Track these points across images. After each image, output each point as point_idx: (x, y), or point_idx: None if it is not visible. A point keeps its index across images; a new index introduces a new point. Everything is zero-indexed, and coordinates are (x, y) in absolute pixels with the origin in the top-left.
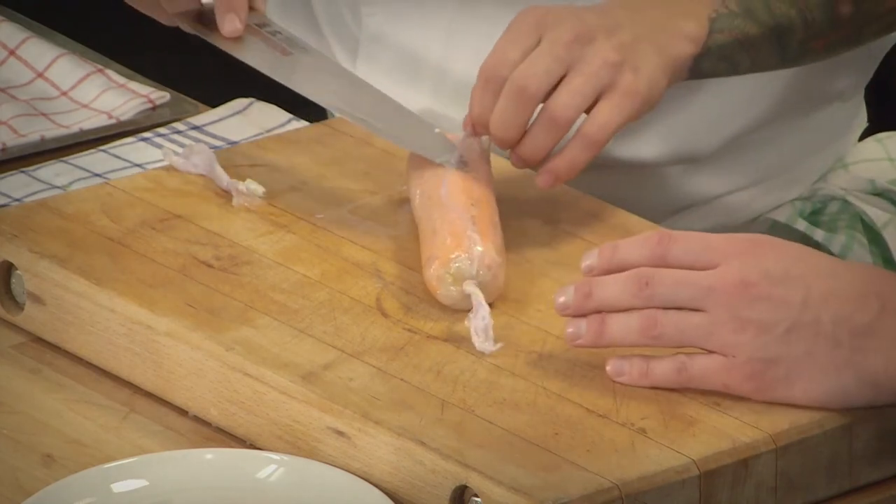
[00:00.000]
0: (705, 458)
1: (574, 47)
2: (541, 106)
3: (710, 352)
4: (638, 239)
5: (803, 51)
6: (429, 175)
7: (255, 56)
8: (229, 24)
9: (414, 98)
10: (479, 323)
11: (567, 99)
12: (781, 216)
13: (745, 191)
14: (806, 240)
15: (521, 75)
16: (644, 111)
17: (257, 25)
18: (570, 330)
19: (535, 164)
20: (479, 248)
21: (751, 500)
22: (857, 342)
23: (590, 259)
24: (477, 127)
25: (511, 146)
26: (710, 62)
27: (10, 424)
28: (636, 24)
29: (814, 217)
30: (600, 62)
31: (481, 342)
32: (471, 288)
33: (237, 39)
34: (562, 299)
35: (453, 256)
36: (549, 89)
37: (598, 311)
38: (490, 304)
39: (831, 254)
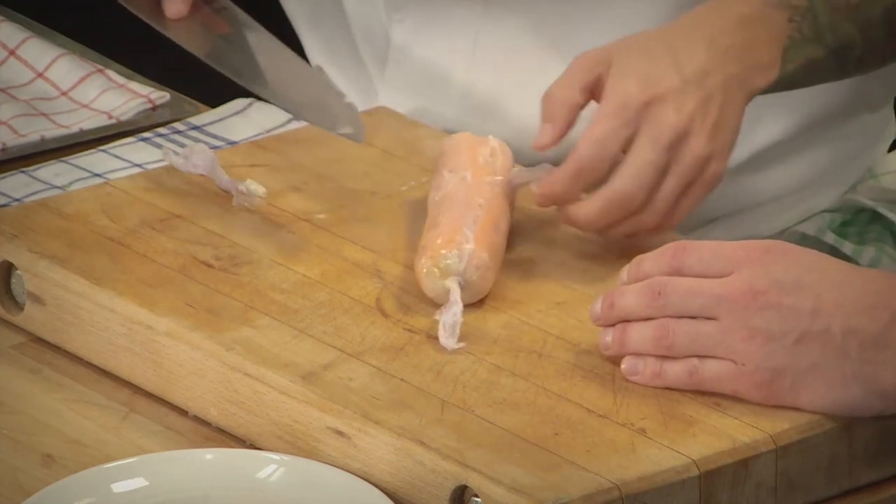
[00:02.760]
0: (705, 458)
1: (673, 147)
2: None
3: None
4: (656, 252)
5: (858, 66)
6: (451, 175)
7: (193, 40)
8: (174, 6)
9: (440, 107)
10: (449, 319)
11: (659, 206)
12: (810, 228)
13: (774, 202)
14: (834, 253)
15: (626, 187)
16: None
17: (206, 2)
18: (600, 340)
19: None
20: (470, 247)
21: (751, 500)
22: (867, 354)
23: (623, 274)
24: (547, 200)
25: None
26: (772, 88)
27: (10, 424)
28: (725, 77)
29: (843, 229)
30: (693, 160)
31: (446, 337)
32: (451, 283)
33: (181, 21)
34: (593, 312)
35: (444, 252)
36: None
37: (622, 321)
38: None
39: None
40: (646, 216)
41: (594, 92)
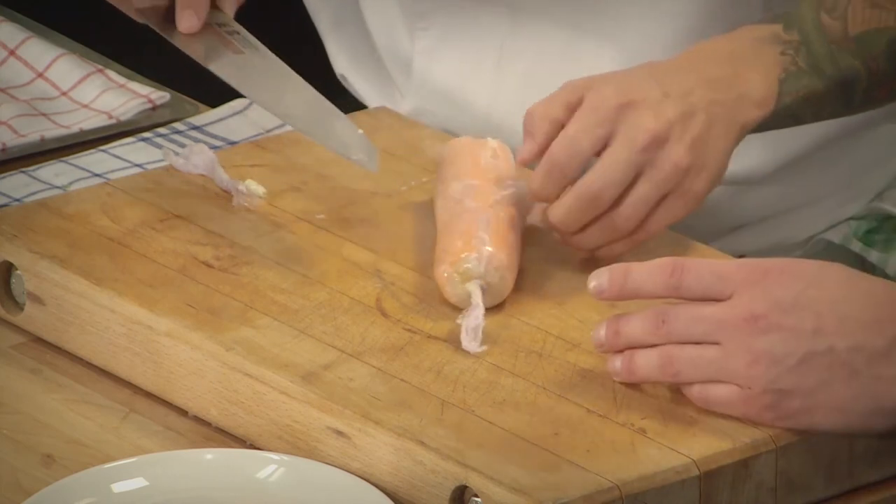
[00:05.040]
0: (705, 458)
1: (649, 150)
2: None
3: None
4: (650, 267)
5: (866, 100)
6: (458, 183)
7: (206, 53)
8: (187, 20)
9: (465, 118)
10: (471, 322)
11: (631, 211)
12: (836, 236)
13: (799, 210)
14: (860, 261)
15: (596, 184)
16: (700, 205)
17: (218, 25)
18: (609, 365)
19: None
20: (489, 249)
21: (751, 500)
22: (875, 370)
23: (599, 280)
24: (534, 199)
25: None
26: (774, 121)
27: (10, 424)
28: (710, 102)
29: (869, 236)
30: (671, 168)
31: (468, 341)
32: (472, 287)
33: (193, 36)
34: (597, 338)
35: (462, 256)
36: (620, 196)
37: (629, 347)
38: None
39: (885, 276)
40: (617, 218)
41: (576, 110)
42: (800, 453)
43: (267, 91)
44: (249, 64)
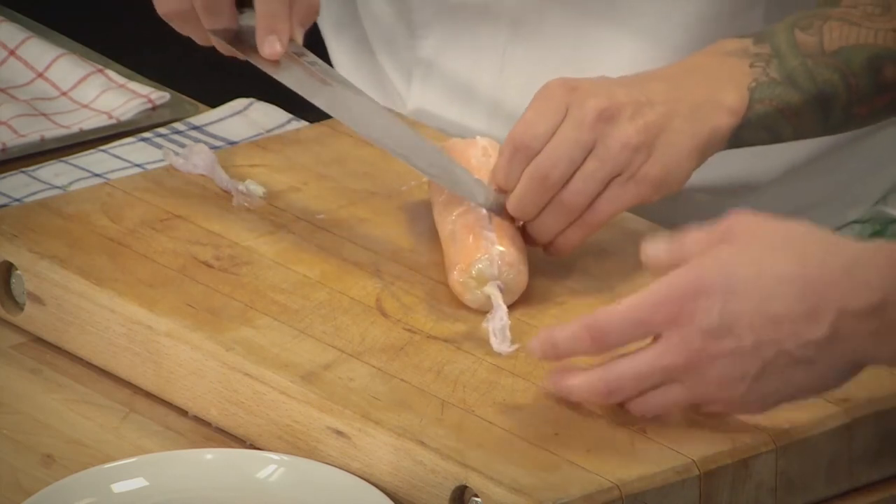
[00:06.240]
0: (705, 458)
1: (597, 126)
2: None
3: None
4: (571, 334)
5: (847, 117)
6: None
7: (295, 80)
8: (269, 46)
9: (468, 122)
10: (497, 324)
11: (580, 185)
12: None
13: (802, 215)
14: None
15: (544, 162)
16: (659, 194)
17: (296, 54)
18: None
19: (542, 244)
20: (499, 248)
21: (751, 500)
22: (827, 352)
23: (534, 350)
24: (499, 190)
25: (526, 221)
26: (750, 132)
27: (10, 424)
28: (671, 98)
29: (872, 239)
30: (619, 146)
31: (498, 343)
32: (490, 289)
33: (276, 63)
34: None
35: (474, 260)
36: (570, 174)
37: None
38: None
39: None
40: (566, 196)
41: None
42: (800, 453)
43: (373, 127)
44: (342, 97)
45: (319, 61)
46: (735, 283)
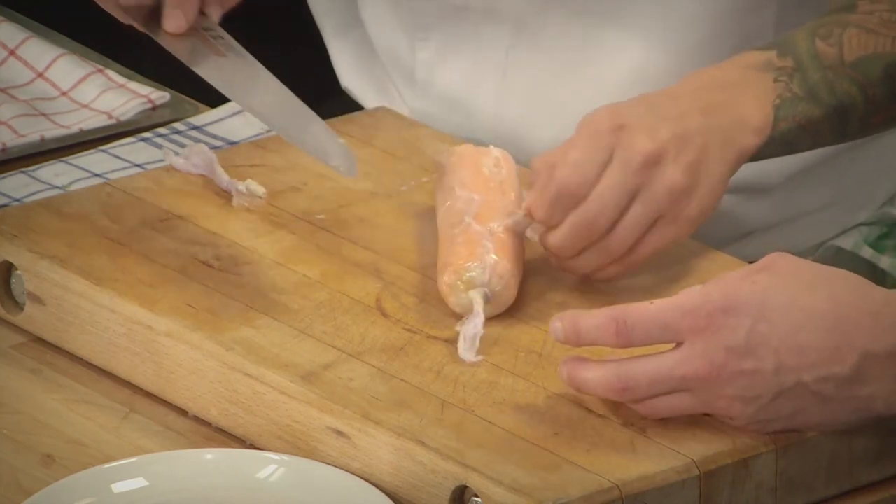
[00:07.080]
0: (705, 458)
1: (643, 172)
2: None
3: None
4: (597, 322)
5: (864, 127)
6: (462, 192)
7: (187, 52)
8: (174, 21)
9: (471, 125)
10: (471, 331)
11: (625, 234)
12: (847, 242)
13: (809, 217)
14: (871, 268)
15: (591, 210)
16: (695, 229)
17: (204, 29)
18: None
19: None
20: (494, 257)
21: (751, 500)
22: (845, 393)
23: (555, 328)
24: (529, 216)
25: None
26: (771, 148)
27: (10, 424)
28: (706, 128)
29: (880, 242)
30: (665, 191)
31: (465, 350)
32: (474, 295)
33: (178, 37)
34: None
35: (466, 265)
36: (615, 220)
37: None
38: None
39: None
40: (611, 242)
41: None
42: (800, 453)
43: (246, 93)
44: (231, 67)
45: (229, 38)
46: (767, 307)
